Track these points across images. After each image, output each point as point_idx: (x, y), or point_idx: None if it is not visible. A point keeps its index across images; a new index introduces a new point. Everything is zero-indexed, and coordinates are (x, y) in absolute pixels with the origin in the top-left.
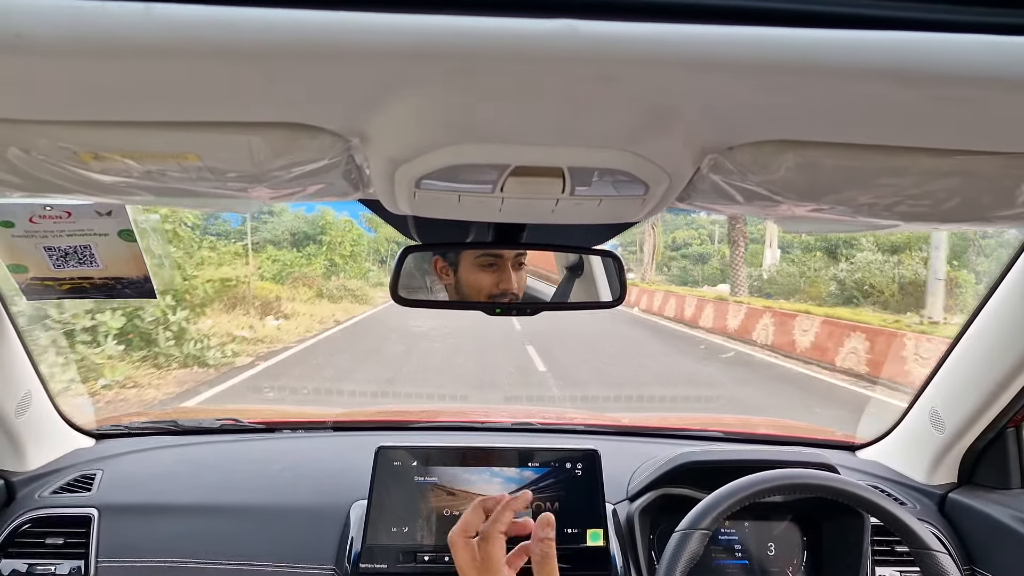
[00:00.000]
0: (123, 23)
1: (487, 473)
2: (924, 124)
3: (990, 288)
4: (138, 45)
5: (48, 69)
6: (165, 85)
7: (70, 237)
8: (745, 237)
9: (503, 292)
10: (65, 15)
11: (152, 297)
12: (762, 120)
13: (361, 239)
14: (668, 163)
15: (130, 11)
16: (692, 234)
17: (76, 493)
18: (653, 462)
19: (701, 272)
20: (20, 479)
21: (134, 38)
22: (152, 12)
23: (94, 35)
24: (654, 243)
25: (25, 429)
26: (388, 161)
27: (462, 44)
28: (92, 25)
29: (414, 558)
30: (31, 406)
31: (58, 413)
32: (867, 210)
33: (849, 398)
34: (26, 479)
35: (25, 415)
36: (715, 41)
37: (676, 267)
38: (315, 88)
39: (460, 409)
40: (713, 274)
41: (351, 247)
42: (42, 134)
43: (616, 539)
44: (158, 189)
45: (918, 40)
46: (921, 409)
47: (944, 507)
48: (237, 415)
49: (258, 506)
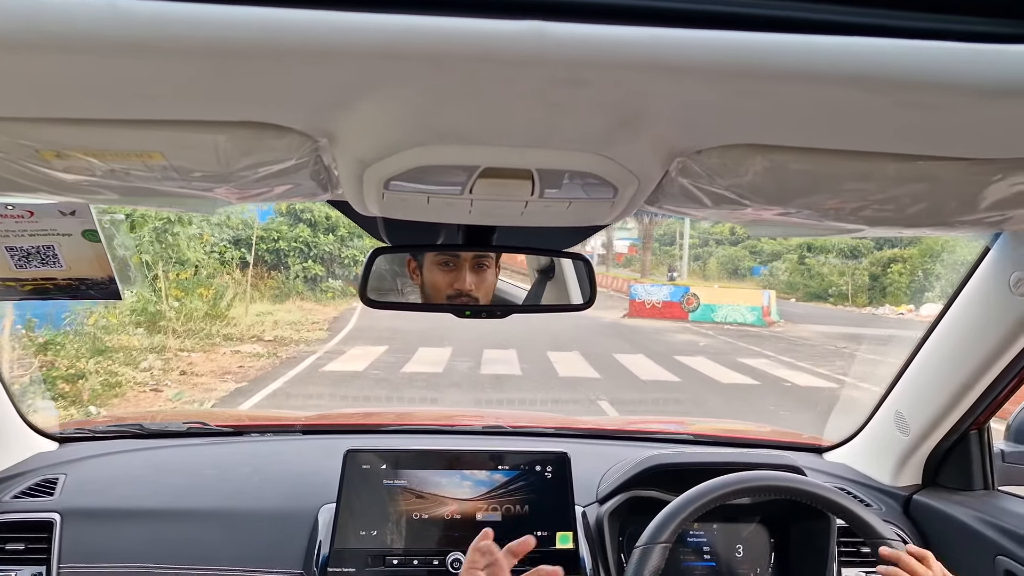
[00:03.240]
0: (87, 18)
1: (457, 476)
2: (889, 129)
3: (953, 292)
4: (102, 41)
5: (9, 64)
6: (129, 82)
7: (32, 237)
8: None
9: (457, 292)
10: (26, 8)
11: (117, 298)
12: (730, 124)
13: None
14: (637, 166)
15: (94, 6)
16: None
17: (38, 498)
18: (622, 465)
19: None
20: None
21: (98, 33)
22: (117, 7)
23: (56, 30)
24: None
25: None
26: (356, 162)
27: (429, 44)
28: (54, 19)
29: (383, 562)
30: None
31: (20, 416)
32: (833, 214)
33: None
34: None
35: None
36: (683, 45)
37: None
38: (281, 87)
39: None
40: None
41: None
42: (2, 131)
43: (586, 541)
44: (122, 188)
45: (883, 46)
46: (886, 412)
47: (909, 508)
48: (205, 418)
49: (225, 510)
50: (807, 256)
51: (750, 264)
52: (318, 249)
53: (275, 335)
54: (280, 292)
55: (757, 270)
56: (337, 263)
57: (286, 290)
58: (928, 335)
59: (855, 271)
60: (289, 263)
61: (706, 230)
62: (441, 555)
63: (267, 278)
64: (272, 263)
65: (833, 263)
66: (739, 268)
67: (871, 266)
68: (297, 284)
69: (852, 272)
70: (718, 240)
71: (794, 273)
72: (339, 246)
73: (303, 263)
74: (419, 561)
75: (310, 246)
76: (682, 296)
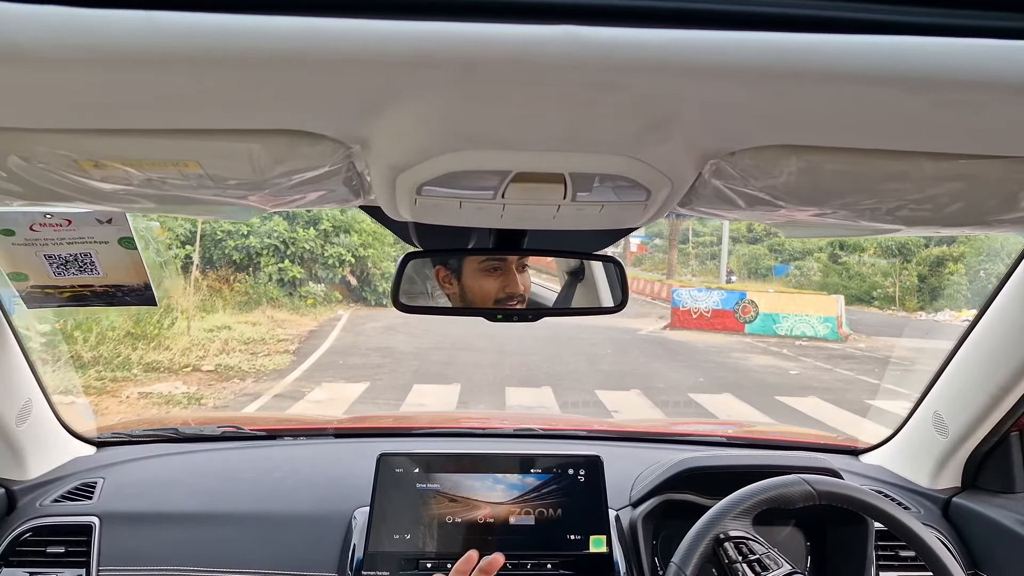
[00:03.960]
0: (124, 31)
1: (489, 480)
2: (926, 128)
3: (993, 291)
4: (139, 53)
5: (48, 78)
6: (166, 93)
7: (70, 245)
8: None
9: (509, 296)
10: (66, 24)
11: (152, 304)
12: (764, 125)
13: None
14: (670, 168)
15: (131, 19)
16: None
17: (77, 501)
18: (656, 467)
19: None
20: (21, 488)
21: (135, 46)
22: (154, 20)
23: (95, 43)
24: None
25: (26, 438)
26: (389, 168)
27: (462, 51)
28: (93, 34)
29: (416, 565)
30: (31, 414)
31: (59, 421)
32: (869, 215)
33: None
34: (27, 488)
35: (26, 424)
36: (716, 46)
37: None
38: (315, 95)
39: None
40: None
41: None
42: (42, 142)
43: (619, 545)
44: (159, 197)
45: (919, 44)
46: (924, 413)
47: (948, 511)
48: (239, 422)
49: (260, 513)
50: (840, 255)
51: (770, 263)
52: (296, 247)
53: (219, 363)
54: (249, 299)
55: (780, 270)
56: (319, 264)
57: (256, 296)
58: (967, 334)
59: (902, 270)
60: (261, 263)
61: (719, 227)
62: None
63: (233, 282)
64: (241, 263)
65: (868, 262)
66: (759, 268)
67: (917, 265)
68: (270, 289)
69: (899, 272)
70: (735, 238)
71: (830, 273)
72: (322, 243)
73: (278, 263)
74: (452, 564)
75: (287, 243)
76: (736, 303)
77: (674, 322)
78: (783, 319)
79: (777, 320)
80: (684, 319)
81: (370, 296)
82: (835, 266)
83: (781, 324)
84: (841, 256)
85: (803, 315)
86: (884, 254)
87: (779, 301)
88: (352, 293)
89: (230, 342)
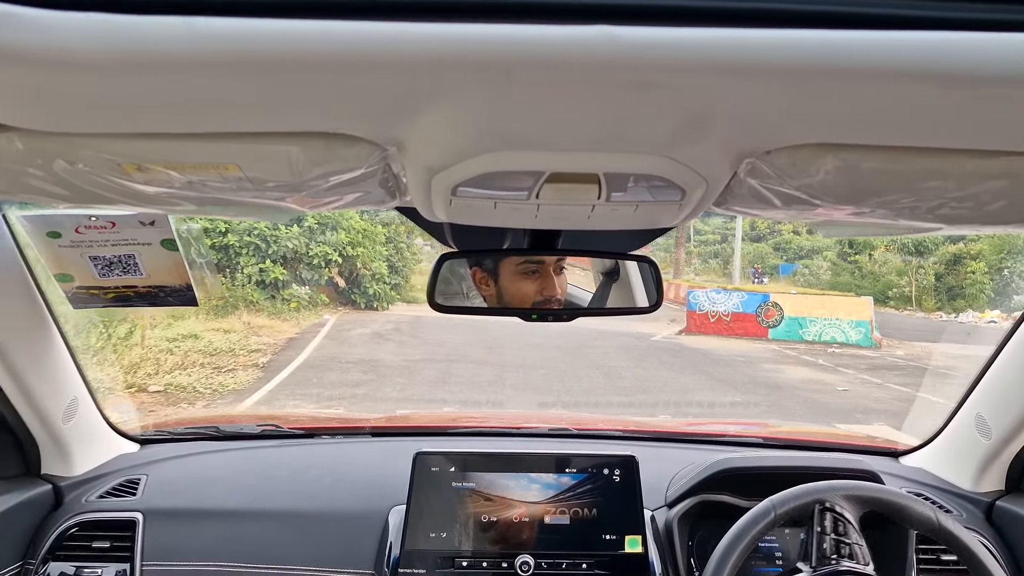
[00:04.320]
0: (165, 37)
1: (524, 479)
2: (966, 125)
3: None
4: (180, 58)
5: (92, 83)
6: (205, 97)
7: (115, 247)
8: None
9: (548, 298)
10: (110, 30)
11: (194, 304)
12: (800, 123)
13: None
14: (705, 168)
15: (171, 25)
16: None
17: (121, 497)
18: (692, 468)
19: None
20: (67, 484)
21: (176, 51)
22: (193, 26)
23: (137, 49)
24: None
25: (72, 435)
26: (424, 169)
27: (498, 53)
28: (135, 40)
29: (452, 563)
30: (77, 412)
31: (103, 419)
32: (908, 213)
33: None
34: (73, 484)
35: (72, 421)
36: (752, 45)
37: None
38: (352, 98)
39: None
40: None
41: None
42: (87, 146)
43: (655, 546)
44: (199, 199)
45: (959, 40)
46: (966, 415)
47: (991, 515)
48: (277, 421)
49: (298, 511)
50: (849, 252)
51: (775, 262)
52: (279, 245)
53: (170, 382)
54: (226, 303)
55: (785, 269)
56: (304, 264)
57: (232, 300)
58: (1011, 335)
59: (918, 269)
60: (241, 263)
61: (722, 225)
62: (509, 558)
63: (209, 284)
64: (220, 263)
65: (880, 259)
66: (764, 267)
67: (934, 264)
68: (249, 291)
69: (915, 271)
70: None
71: (840, 272)
72: (306, 241)
73: (259, 264)
74: (488, 563)
75: (268, 241)
76: (758, 306)
77: (690, 326)
78: (811, 323)
79: (804, 325)
80: (701, 323)
81: (359, 299)
82: (846, 264)
83: (808, 329)
84: (851, 254)
85: (832, 319)
86: (899, 251)
87: (804, 304)
88: (340, 296)
89: (190, 355)
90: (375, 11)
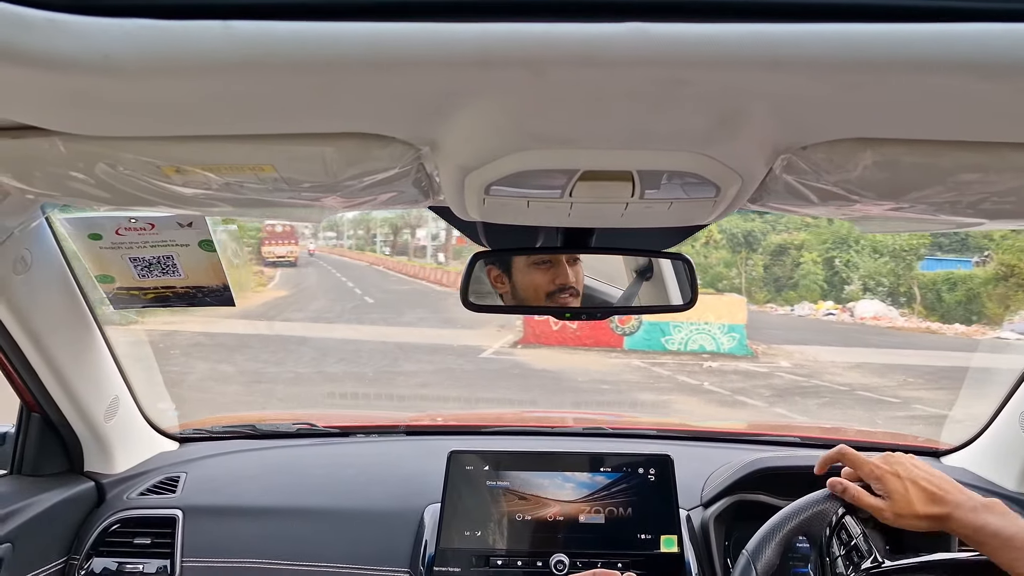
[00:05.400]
0: (205, 41)
1: (559, 478)
2: (1009, 118)
3: None
4: (217, 61)
5: (133, 87)
6: (243, 99)
7: (154, 248)
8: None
9: (560, 287)
10: (148, 36)
11: (231, 304)
12: (837, 118)
13: None
14: (740, 164)
15: (209, 29)
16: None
17: (162, 495)
18: (728, 467)
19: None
20: (109, 481)
21: (215, 55)
22: (231, 29)
23: (176, 54)
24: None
25: (113, 433)
26: (458, 168)
27: (531, 51)
28: (175, 44)
29: (487, 562)
30: (119, 411)
31: (144, 418)
32: (949, 208)
33: None
34: (115, 481)
35: (113, 420)
36: (786, 40)
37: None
38: (386, 99)
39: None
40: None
41: None
42: (127, 150)
43: (691, 546)
44: (236, 200)
45: (1000, 31)
46: (1010, 414)
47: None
48: (312, 420)
49: (334, 509)
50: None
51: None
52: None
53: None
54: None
55: None
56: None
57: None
58: None
59: (747, 261)
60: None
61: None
62: (544, 556)
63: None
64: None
65: (702, 251)
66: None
67: (762, 255)
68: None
69: (744, 262)
70: None
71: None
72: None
73: None
74: (523, 562)
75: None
76: None
77: (527, 336)
78: (674, 329)
79: (666, 331)
80: (541, 331)
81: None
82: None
83: (672, 336)
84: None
85: (699, 323)
86: (729, 243)
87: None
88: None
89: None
90: (408, 12)
